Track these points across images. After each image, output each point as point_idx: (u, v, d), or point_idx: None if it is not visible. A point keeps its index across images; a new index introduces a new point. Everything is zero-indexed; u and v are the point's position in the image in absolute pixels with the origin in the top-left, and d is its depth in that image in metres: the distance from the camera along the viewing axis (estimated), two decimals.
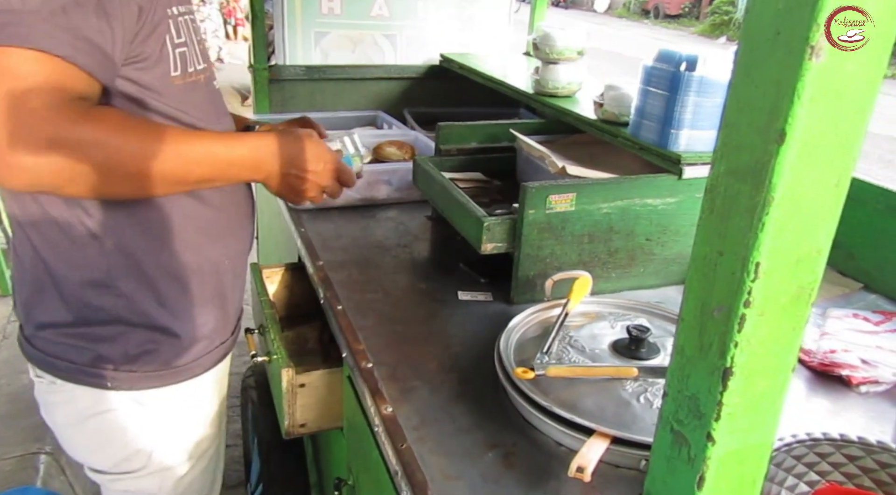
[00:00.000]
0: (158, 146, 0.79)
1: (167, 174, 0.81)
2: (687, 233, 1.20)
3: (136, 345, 0.95)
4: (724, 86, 1.15)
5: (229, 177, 0.90)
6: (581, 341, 0.94)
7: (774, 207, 0.29)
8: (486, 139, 1.50)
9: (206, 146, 0.85)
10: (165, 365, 0.98)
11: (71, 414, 0.99)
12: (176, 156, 0.81)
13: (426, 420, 0.85)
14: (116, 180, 0.78)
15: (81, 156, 0.73)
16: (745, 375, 0.30)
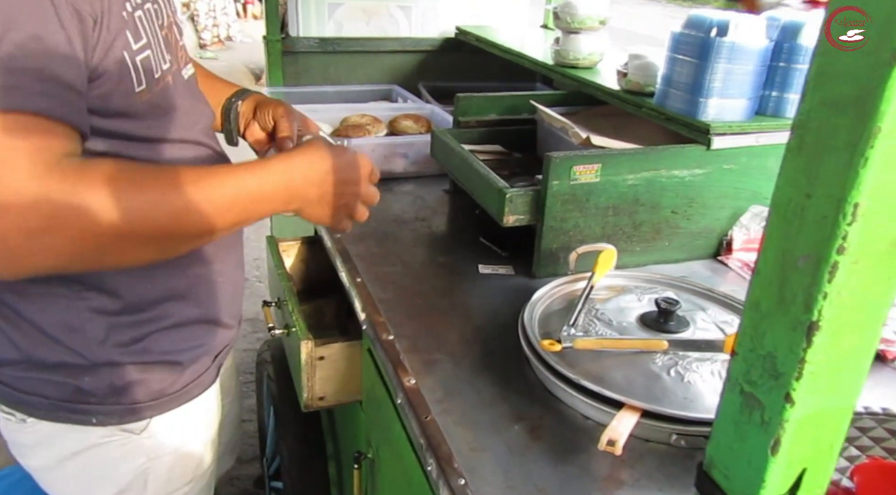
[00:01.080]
0: (179, 197, 0.66)
1: (193, 228, 0.68)
2: (714, 206, 1.17)
3: (123, 376, 0.84)
4: (757, 52, 1.11)
5: (260, 214, 0.75)
6: (608, 314, 0.92)
7: (882, 139, 0.26)
8: (505, 111, 1.46)
9: (233, 187, 0.71)
10: (158, 394, 0.88)
11: (49, 456, 0.88)
12: (204, 204, 0.67)
13: (450, 392, 0.84)
14: (133, 247, 0.66)
15: (88, 229, 0.60)
16: (833, 330, 0.28)
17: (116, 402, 0.85)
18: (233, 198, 0.71)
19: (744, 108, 1.14)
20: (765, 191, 1.19)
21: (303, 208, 0.80)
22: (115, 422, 0.86)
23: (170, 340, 0.86)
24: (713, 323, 0.92)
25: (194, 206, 0.67)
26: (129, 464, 0.90)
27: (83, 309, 0.79)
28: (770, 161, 1.17)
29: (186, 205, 0.66)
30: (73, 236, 0.60)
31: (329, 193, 0.80)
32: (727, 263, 1.19)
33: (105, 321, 0.81)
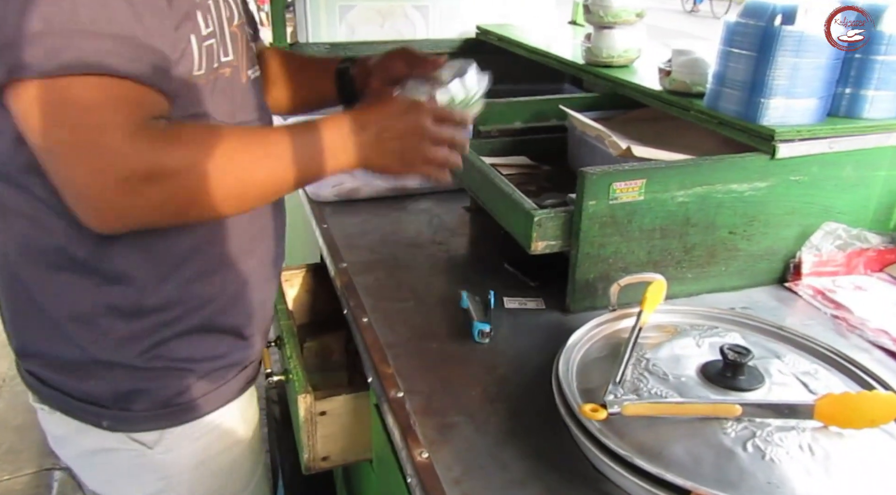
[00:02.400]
0: (252, 156, 0.71)
1: (267, 184, 0.74)
2: (779, 224, 1.00)
3: (129, 380, 0.80)
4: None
5: (323, 169, 0.77)
6: (661, 365, 0.75)
7: None
8: (531, 118, 1.31)
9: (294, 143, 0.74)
10: (167, 402, 0.82)
11: (77, 448, 0.87)
12: (275, 161, 0.72)
13: (470, 468, 0.68)
14: (215, 203, 0.69)
15: (174, 186, 0.66)
16: None
17: (124, 408, 0.81)
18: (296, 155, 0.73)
19: (814, 108, 0.97)
20: (839, 206, 1.02)
21: (365, 161, 0.79)
22: (124, 429, 0.82)
23: (186, 347, 0.81)
24: (792, 375, 0.75)
25: (268, 161, 0.72)
26: (146, 479, 0.86)
27: (100, 303, 0.76)
28: (845, 170, 1.00)
29: (260, 164, 0.71)
30: (166, 192, 0.65)
31: (387, 141, 0.79)
32: (796, 290, 1.01)
33: (120, 318, 0.77)
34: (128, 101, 0.63)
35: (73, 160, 0.62)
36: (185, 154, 0.66)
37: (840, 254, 1.03)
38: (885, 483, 0.62)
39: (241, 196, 0.72)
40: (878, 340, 0.89)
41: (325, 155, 0.75)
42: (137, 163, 0.63)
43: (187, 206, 0.68)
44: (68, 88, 0.60)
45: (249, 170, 0.71)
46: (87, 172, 0.62)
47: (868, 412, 0.65)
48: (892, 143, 1.00)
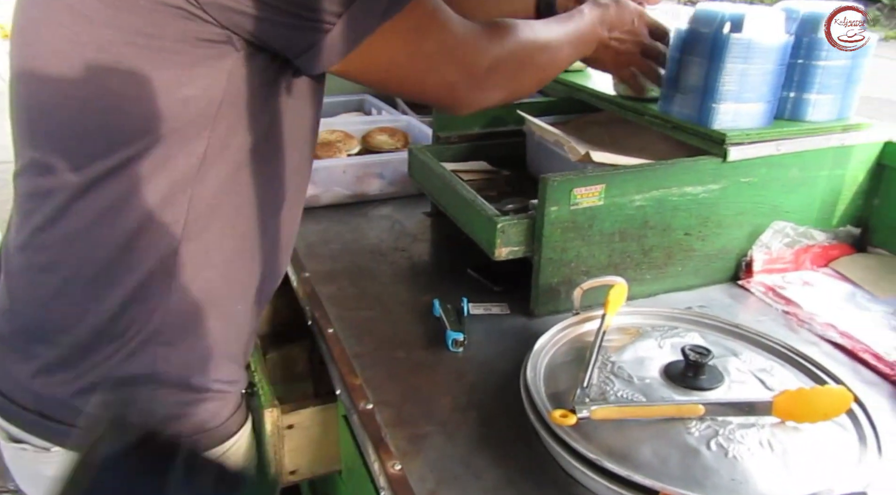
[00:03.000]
0: (548, 35, 0.85)
1: (560, 59, 0.89)
2: (731, 224, 1.03)
3: (175, 405, 0.73)
4: (776, 48, 0.96)
5: (581, 51, 0.93)
6: (626, 368, 0.77)
7: None
8: (489, 123, 1.32)
9: (560, 28, 0.88)
10: (200, 427, 0.75)
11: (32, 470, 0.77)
12: (560, 39, 0.87)
13: (443, 478, 0.69)
14: (539, 71, 0.86)
15: (514, 62, 0.80)
16: None
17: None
18: (566, 36, 0.88)
19: (762, 112, 1.00)
20: (786, 205, 1.06)
21: (596, 51, 0.95)
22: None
23: (222, 367, 0.76)
24: (750, 372, 0.78)
25: (555, 42, 0.86)
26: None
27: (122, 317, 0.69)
28: (791, 171, 1.04)
29: (553, 41, 0.86)
30: (510, 67, 0.80)
31: (611, 38, 0.95)
32: (748, 288, 1.05)
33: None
34: (445, 7, 0.72)
35: (445, 63, 0.73)
36: (512, 39, 0.79)
37: (788, 251, 1.08)
38: (840, 473, 0.65)
39: (548, 65, 0.87)
40: (826, 334, 0.93)
41: (583, 38, 0.91)
42: (488, 52, 0.75)
43: (523, 75, 0.83)
44: (415, 8, 0.67)
45: (551, 47, 0.85)
46: (458, 68, 0.74)
47: (822, 406, 0.69)
48: (834, 144, 1.05)
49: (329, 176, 1.32)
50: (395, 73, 0.71)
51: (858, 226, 1.12)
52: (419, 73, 0.73)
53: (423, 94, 0.78)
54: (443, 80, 0.74)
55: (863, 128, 1.05)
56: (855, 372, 0.86)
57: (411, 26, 0.68)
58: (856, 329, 0.93)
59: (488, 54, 0.76)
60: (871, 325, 0.94)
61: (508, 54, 0.79)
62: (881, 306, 0.99)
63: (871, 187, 1.10)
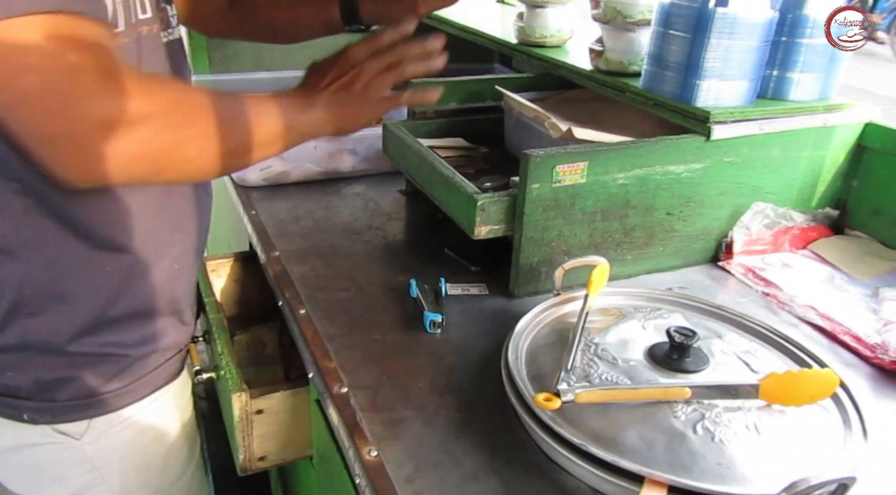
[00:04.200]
0: (236, 114, 0.66)
1: (252, 144, 0.68)
2: (713, 205, 1.02)
3: (53, 368, 0.74)
4: (761, 25, 0.94)
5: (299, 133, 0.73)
6: (609, 350, 0.75)
7: None
8: (466, 98, 1.28)
9: (271, 103, 0.70)
10: (94, 391, 0.77)
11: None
12: (256, 120, 0.67)
13: (422, 465, 0.66)
14: (190, 159, 0.63)
15: (152, 133, 0.58)
16: None
17: (48, 399, 0.75)
18: (274, 115, 0.69)
19: (745, 90, 0.98)
20: (767, 186, 1.05)
21: (336, 120, 0.76)
22: (47, 421, 0.76)
23: (116, 330, 0.76)
24: (734, 354, 0.76)
25: (244, 123, 0.66)
26: (73, 473, 0.80)
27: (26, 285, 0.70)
28: (773, 151, 1.02)
29: (238, 121, 0.66)
30: (145, 140, 0.58)
31: (338, 96, 0.75)
32: (728, 269, 1.04)
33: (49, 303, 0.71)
34: (91, 42, 0.56)
35: (47, 108, 0.54)
36: (165, 100, 0.60)
37: (768, 232, 1.07)
38: (825, 456, 0.64)
39: (227, 153, 0.65)
40: (806, 316, 0.93)
41: (302, 117, 0.73)
42: (115, 108, 0.55)
43: (165, 157, 0.61)
44: (27, 30, 0.52)
45: (234, 127, 0.65)
46: (64, 121, 0.54)
47: (808, 389, 0.67)
48: (815, 124, 1.03)
49: (299, 151, 1.27)
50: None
51: (837, 208, 1.12)
52: (20, 112, 0.55)
53: (28, 144, 0.57)
54: (47, 129, 0.55)
55: (845, 109, 1.04)
56: (835, 354, 0.86)
57: (11, 43, 0.52)
58: (835, 311, 0.93)
59: (120, 107, 0.55)
60: (850, 307, 0.94)
61: (153, 113, 0.58)
62: (859, 288, 0.99)
63: (850, 169, 1.09)
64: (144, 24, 0.71)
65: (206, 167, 0.66)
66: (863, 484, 0.58)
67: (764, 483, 0.59)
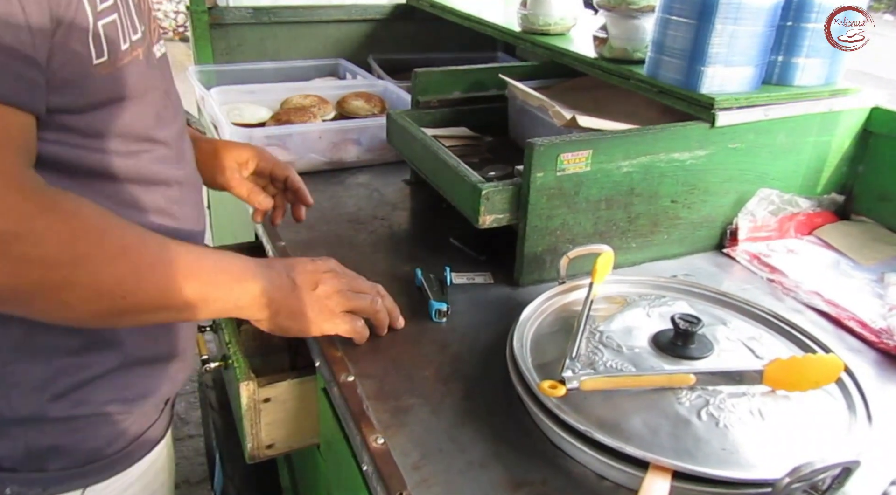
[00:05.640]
0: (149, 257, 0.59)
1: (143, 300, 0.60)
2: (717, 192, 1.02)
3: (45, 435, 0.67)
4: (767, 9, 0.93)
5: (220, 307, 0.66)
6: (614, 338, 0.75)
7: None
8: (470, 87, 1.28)
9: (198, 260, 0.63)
10: (92, 456, 0.69)
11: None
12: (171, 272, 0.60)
13: (428, 453, 0.66)
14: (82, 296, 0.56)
15: (34, 261, 0.52)
16: None
17: (38, 469, 0.67)
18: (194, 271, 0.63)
19: (750, 76, 0.98)
20: (772, 172, 1.04)
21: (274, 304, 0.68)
22: (36, 494, 0.68)
23: (111, 386, 0.68)
24: (739, 341, 0.76)
25: (164, 269, 0.60)
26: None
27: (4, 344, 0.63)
28: (778, 137, 1.02)
29: (156, 266, 0.59)
30: (15, 263, 0.51)
31: (301, 283, 0.70)
32: (733, 256, 1.04)
33: (45, 361, 0.64)
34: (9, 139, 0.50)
35: None
36: (61, 222, 0.54)
37: (773, 219, 1.06)
38: (832, 442, 0.64)
39: (119, 296, 0.57)
40: (812, 302, 0.93)
41: (229, 278, 0.65)
42: (7, 220, 0.50)
43: (37, 287, 0.53)
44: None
45: (140, 271, 0.58)
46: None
47: (813, 374, 0.67)
48: (821, 110, 1.03)
49: (304, 142, 1.28)
50: None
51: (842, 194, 1.12)
52: None
53: None
54: None
55: (850, 94, 1.03)
56: (840, 340, 0.86)
57: None
58: (840, 296, 0.93)
59: (11, 220, 0.50)
60: (855, 293, 0.94)
61: (42, 235, 0.52)
62: (865, 274, 0.98)
63: (856, 154, 1.09)
64: (136, 48, 0.63)
65: (80, 316, 0.58)
66: (867, 468, 0.58)
67: (768, 467, 0.60)
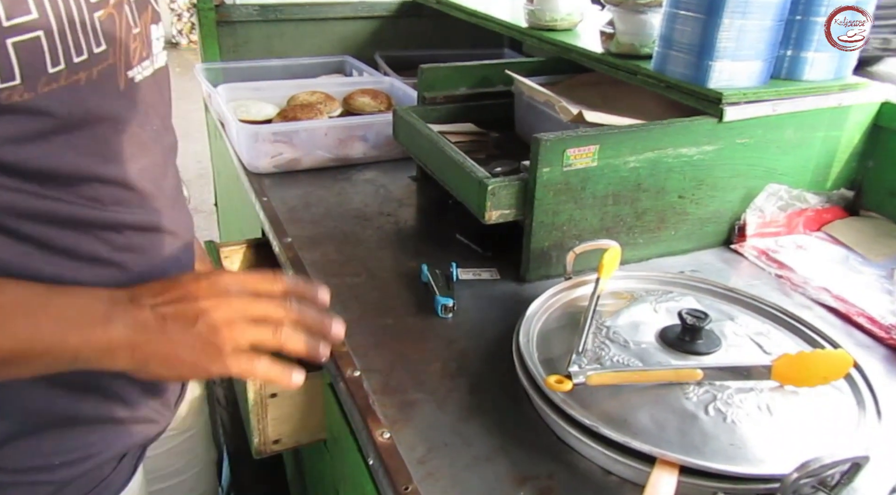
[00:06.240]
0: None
1: None
2: (725, 187, 1.01)
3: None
4: (775, 3, 0.93)
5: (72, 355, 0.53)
6: (621, 333, 0.75)
7: None
8: (477, 83, 1.27)
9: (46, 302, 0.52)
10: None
11: None
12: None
13: (434, 447, 0.66)
14: None
15: None
16: None
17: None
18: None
19: (759, 71, 0.97)
20: (781, 167, 1.04)
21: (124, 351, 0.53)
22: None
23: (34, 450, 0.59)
24: (746, 336, 0.76)
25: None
26: None
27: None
28: (787, 132, 1.01)
29: None
30: None
31: (155, 311, 0.54)
32: (741, 252, 1.03)
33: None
34: None
35: None
36: None
37: (781, 214, 1.06)
38: (840, 437, 0.63)
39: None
40: (820, 298, 0.92)
41: (86, 332, 0.52)
42: None
43: None
44: None
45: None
46: None
47: (822, 370, 0.67)
48: (830, 105, 1.02)
49: (310, 138, 1.28)
50: None
51: (852, 189, 1.11)
52: None
53: None
54: None
55: (860, 88, 1.02)
56: (849, 336, 0.85)
57: None
58: (849, 292, 0.92)
59: None
60: (864, 289, 0.93)
61: None
62: (874, 269, 0.98)
63: (866, 149, 1.08)
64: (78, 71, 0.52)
65: None
66: (877, 464, 0.58)
67: (776, 463, 0.59)
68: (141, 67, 0.61)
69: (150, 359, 0.54)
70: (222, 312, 0.55)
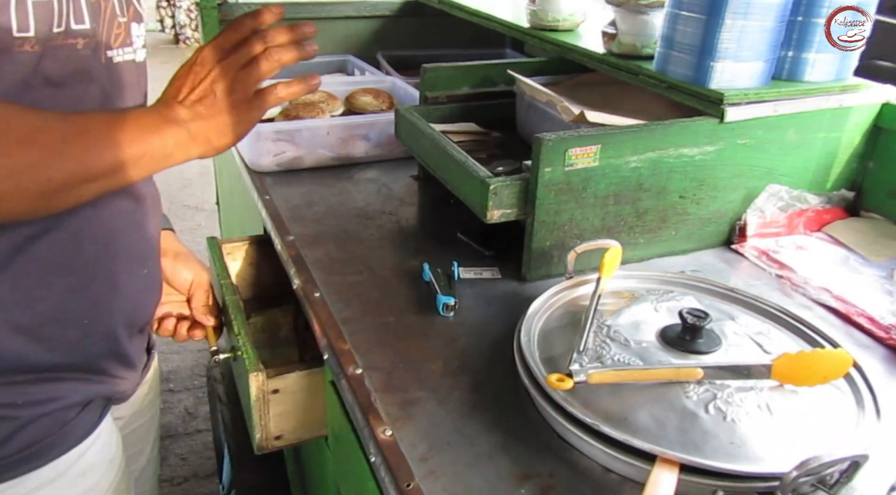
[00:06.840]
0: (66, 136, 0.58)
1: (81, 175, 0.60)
2: (726, 188, 1.01)
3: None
4: (777, 4, 0.93)
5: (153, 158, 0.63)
6: (622, 332, 0.76)
7: None
8: (479, 83, 1.28)
9: (115, 125, 0.61)
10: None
11: None
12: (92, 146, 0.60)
13: (435, 445, 0.67)
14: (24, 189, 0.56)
15: None
16: None
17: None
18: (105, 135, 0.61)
19: (760, 71, 0.98)
20: (782, 168, 1.04)
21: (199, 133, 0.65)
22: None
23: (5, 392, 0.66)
24: (746, 336, 0.76)
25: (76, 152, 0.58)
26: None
27: None
28: (788, 133, 1.02)
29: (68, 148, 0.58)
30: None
31: (186, 105, 0.65)
32: (742, 252, 1.04)
33: None
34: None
35: None
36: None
37: (782, 215, 1.06)
38: (838, 435, 0.64)
39: (47, 189, 0.57)
40: (821, 298, 0.92)
41: (153, 140, 0.62)
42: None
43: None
44: None
45: (63, 156, 0.57)
46: None
47: (821, 369, 0.67)
48: (831, 106, 1.02)
49: (312, 137, 1.28)
50: None
51: (852, 190, 1.11)
52: None
53: None
54: None
55: (861, 89, 1.03)
56: (849, 336, 0.86)
57: None
58: (849, 293, 0.92)
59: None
60: (864, 289, 0.93)
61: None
62: (874, 270, 0.98)
63: (866, 150, 1.08)
64: (77, 37, 0.62)
65: (16, 207, 0.57)
66: (876, 463, 0.58)
67: (776, 461, 0.60)
68: (122, 51, 0.69)
69: (206, 137, 0.65)
70: (223, 76, 0.65)
